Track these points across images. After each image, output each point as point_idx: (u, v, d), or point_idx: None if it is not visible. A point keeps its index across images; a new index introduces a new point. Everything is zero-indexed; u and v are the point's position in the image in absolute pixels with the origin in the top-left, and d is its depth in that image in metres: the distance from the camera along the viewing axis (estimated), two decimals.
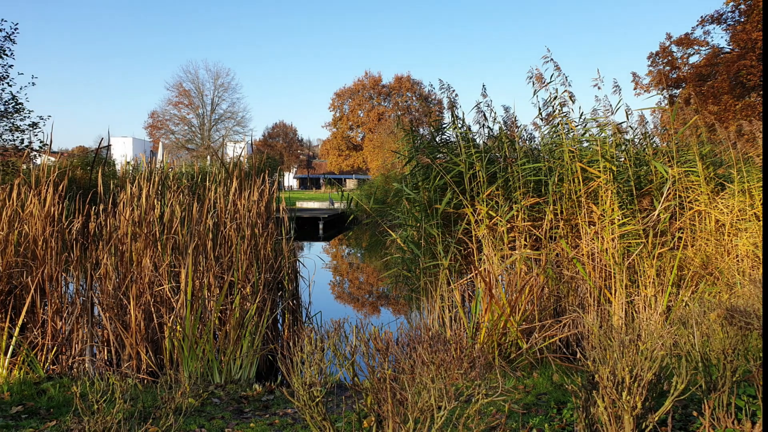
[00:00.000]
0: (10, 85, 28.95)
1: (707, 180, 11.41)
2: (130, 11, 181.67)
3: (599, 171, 10.91)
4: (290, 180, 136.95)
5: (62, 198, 10.97)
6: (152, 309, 10.17)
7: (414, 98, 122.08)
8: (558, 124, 12.05)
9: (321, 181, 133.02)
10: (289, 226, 12.58)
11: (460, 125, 12.66)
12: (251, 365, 9.92)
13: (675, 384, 4.79)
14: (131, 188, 11.17)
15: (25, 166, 20.66)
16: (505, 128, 13.00)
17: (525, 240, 11.45)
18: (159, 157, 26.67)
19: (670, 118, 12.59)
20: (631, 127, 12.79)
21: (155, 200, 11.26)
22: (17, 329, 9.58)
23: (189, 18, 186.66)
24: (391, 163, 45.42)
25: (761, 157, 11.43)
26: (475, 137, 12.85)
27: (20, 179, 11.15)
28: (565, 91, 11.79)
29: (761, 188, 10.98)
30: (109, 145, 15.90)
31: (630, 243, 10.69)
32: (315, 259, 13.40)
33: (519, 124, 13.41)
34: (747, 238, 10.72)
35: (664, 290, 10.13)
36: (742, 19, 38.39)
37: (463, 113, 12.94)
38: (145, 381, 9.52)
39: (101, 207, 11.09)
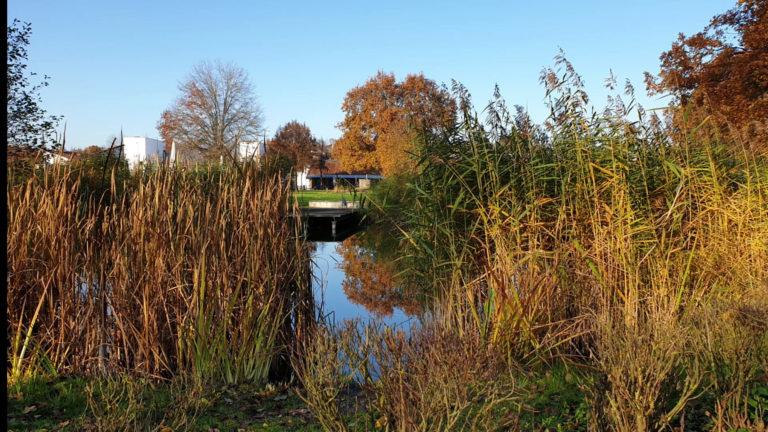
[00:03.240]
0: (23, 85, 29.11)
1: (720, 180, 11.39)
2: (143, 10, 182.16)
3: (612, 171, 10.91)
4: (303, 180, 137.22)
5: (75, 198, 10.98)
6: (165, 309, 10.19)
7: (427, 98, 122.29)
8: (571, 124, 12.05)
9: (334, 181, 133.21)
10: (302, 226, 12.59)
11: (472, 125, 12.68)
12: (264, 365, 9.92)
13: (688, 384, 4.79)
14: (144, 188, 11.18)
15: (38, 166, 20.71)
16: (517, 128, 13.02)
17: (538, 240, 11.45)
18: (172, 157, 26.66)
19: (682, 118, 12.57)
20: (644, 127, 12.79)
21: (168, 200, 11.27)
22: (30, 329, 9.59)
23: (202, 18, 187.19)
24: (404, 163, 45.54)
25: None
26: (488, 137, 12.88)
27: (33, 179, 11.17)
28: (578, 91, 11.80)
29: None
30: (122, 145, 15.92)
31: (643, 243, 10.69)
32: (328, 259, 13.39)
33: (532, 124, 13.45)
34: (760, 238, 10.69)
35: (677, 290, 10.12)
36: (755, 19, 38.30)
37: (476, 113, 12.96)
38: (158, 381, 9.54)
39: (114, 207, 11.11)
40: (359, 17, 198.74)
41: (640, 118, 12.65)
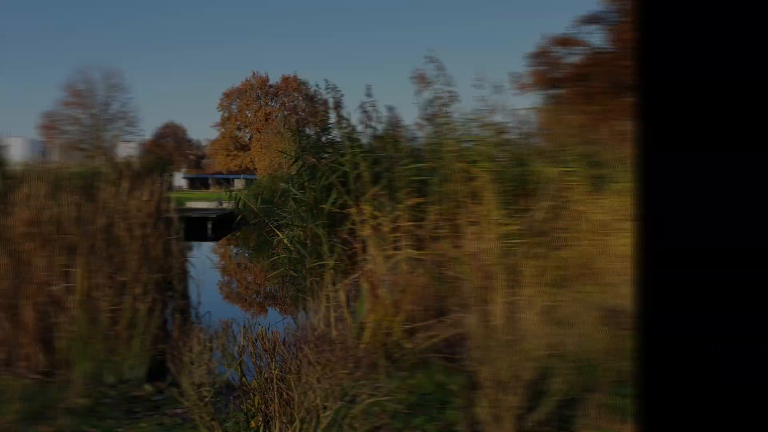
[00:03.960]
0: None
1: (586, 180, 11.66)
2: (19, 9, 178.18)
3: (480, 171, 11.12)
4: (180, 180, 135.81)
5: None
6: (45, 309, 10.15)
7: (301, 98, 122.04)
8: (440, 124, 12.25)
9: (210, 181, 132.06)
10: (178, 226, 12.60)
11: (345, 125, 12.82)
12: (142, 365, 9.94)
13: (555, 384, 5.01)
14: (24, 188, 11.11)
15: None
16: (389, 128, 13.17)
17: (409, 240, 11.60)
18: (52, 157, 26.30)
19: (549, 118, 12.86)
20: (512, 128, 13.03)
21: (48, 200, 11.21)
22: None
23: (77, 15, 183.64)
24: (278, 163, 45.43)
25: (635, 156, 11.73)
26: (360, 137, 13.01)
27: None
28: (448, 91, 12.01)
29: (635, 188, 11.28)
30: (5, 145, 15.67)
31: (511, 243, 10.91)
32: (204, 259, 13.41)
33: (403, 124, 13.61)
34: (625, 237, 10.99)
35: (544, 290, 10.38)
36: (620, 20, 39.03)
37: (349, 113, 13.06)
38: (40, 381, 9.52)
39: None
40: (232, 16, 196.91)
41: (508, 119, 12.91)
